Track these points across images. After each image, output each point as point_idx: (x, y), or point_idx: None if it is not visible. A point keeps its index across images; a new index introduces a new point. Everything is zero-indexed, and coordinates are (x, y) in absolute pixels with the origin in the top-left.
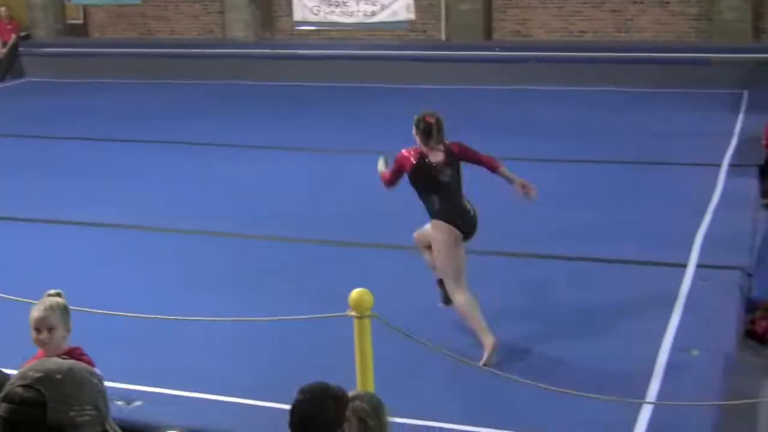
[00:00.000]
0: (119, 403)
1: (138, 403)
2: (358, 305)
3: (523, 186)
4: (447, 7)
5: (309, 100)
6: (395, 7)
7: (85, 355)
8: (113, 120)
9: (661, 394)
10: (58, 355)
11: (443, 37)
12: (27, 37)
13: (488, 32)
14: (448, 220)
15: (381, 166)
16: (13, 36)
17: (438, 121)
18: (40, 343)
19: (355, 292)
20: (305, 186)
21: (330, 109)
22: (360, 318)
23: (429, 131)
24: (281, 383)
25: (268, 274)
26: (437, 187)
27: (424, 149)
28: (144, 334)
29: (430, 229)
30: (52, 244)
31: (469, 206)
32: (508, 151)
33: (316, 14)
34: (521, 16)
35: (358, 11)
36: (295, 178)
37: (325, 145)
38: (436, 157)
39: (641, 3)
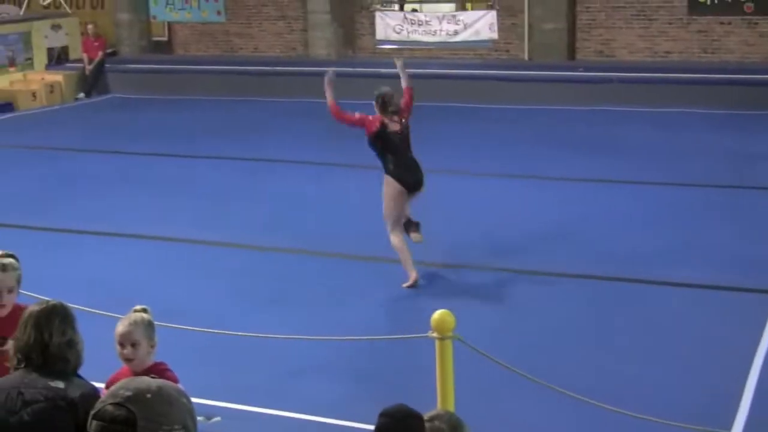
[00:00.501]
0: (199, 418)
1: (217, 419)
2: (439, 326)
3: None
4: (530, 27)
5: None
6: (478, 26)
7: (169, 370)
8: (196, 136)
9: (749, 423)
10: (143, 370)
11: (526, 57)
12: (113, 53)
13: (571, 52)
14: (398, 178)
15: (329, 78)
16: (100, 53)
17: (392, 96)
18: (124, 358)
19: (437, 314)
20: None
21: (412, 128)
22: (442, 339)
23: (385, 104)
24: (361, 402)
25: (346, 292)
26: (392, 150)
27: (384, 119)
28: (225, 349)
29: (384, 184)
30: (135, 259)
31: (417, 161)
32: (590, 172)
33: (398, 33)
34: (605, 36)
35: (441, 30)
36: (376, 196)
37: None
38: (393, 126)
39: (728, 24)
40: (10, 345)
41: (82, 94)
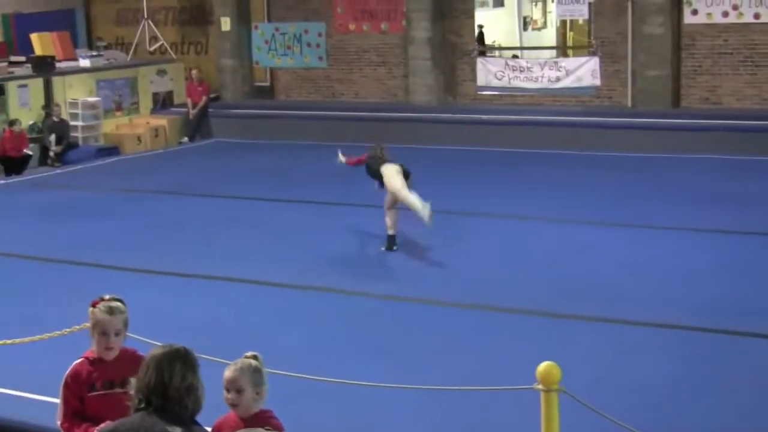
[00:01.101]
0: None
1: None
2: (546, 378)
3: None
4: (634, 73)
5: (491, 165)
6: (580, 72)
7: (275, 418)
8: (299, 180)
9: None
10: (248, 417)
11: (629, 104)
12: (216, 98)
13: (676, 99)
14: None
15: (341, 158)
16: (204, 98)
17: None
18: (229, 403)
19: (543, 365)
20: (486, 254)
21: (513, 175)
22: (547, 392)
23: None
24: None
25: (447, 341)
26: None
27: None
28: (329, 396)
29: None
30: (242, 303)
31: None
32: (697, 222)
33: (499, 79)
34: (711, 83)
35: (543, 77)
36: (479, 245)
37: (509, 212)
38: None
39: None
40: (130, 384)
41: (185, 139)
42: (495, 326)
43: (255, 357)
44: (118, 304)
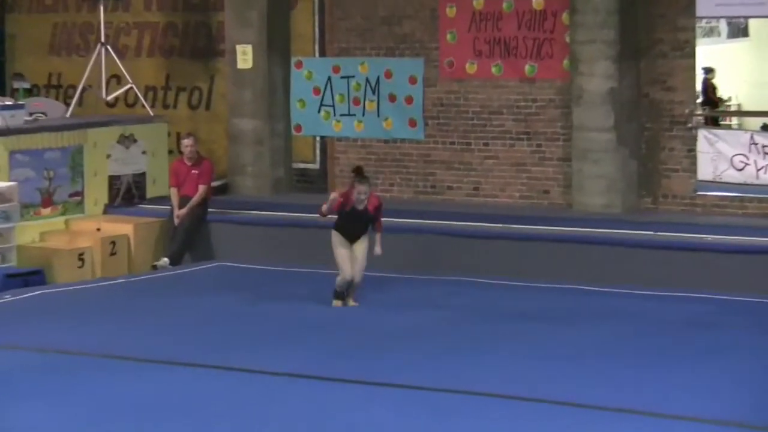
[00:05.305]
0: None
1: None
2: None
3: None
4: None
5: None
6: None
7: None
8: (366, 345)
9: None
10: None
11: None
12: (224, 190)
13: None
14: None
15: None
16: (201, 188)
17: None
18: None
19: None
20: None
21: None
22: None
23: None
24: None
25: None
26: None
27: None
28: None
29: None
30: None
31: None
32: None
33: (740, 170)
34: None
35: None
36: None
37: None
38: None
39: None
40: None
41: (164, 260)
42: None
43: None
44: None
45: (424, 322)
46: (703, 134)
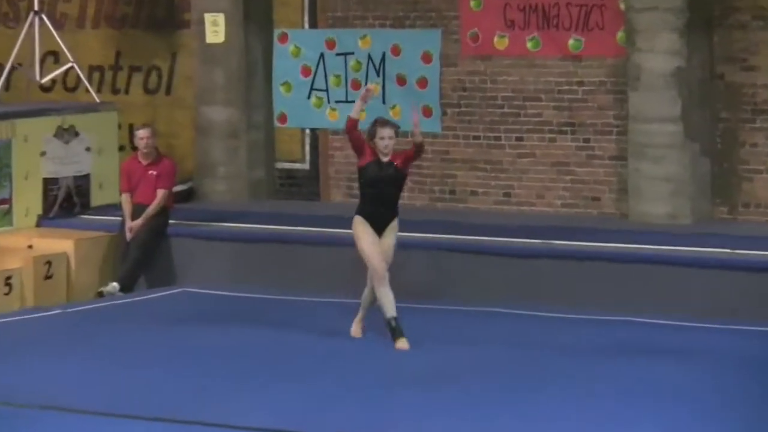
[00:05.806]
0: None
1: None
2: None
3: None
4: None
5: None
6: None
7: None
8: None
9: None
10: None
11: None
12: (188, 195)
13: None
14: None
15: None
16: (161, 193)
17: (385, 123)
18: None
19: None
20: None
21: None
22: None
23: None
24: None
25: None
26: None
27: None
28: None
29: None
30: None
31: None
32: None
33: None
34: None
35: None
36: None
37: None
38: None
39: None
40: None
41: (113, 285)
42: None
43: None
44: None
45: (445, 363)
46: None
